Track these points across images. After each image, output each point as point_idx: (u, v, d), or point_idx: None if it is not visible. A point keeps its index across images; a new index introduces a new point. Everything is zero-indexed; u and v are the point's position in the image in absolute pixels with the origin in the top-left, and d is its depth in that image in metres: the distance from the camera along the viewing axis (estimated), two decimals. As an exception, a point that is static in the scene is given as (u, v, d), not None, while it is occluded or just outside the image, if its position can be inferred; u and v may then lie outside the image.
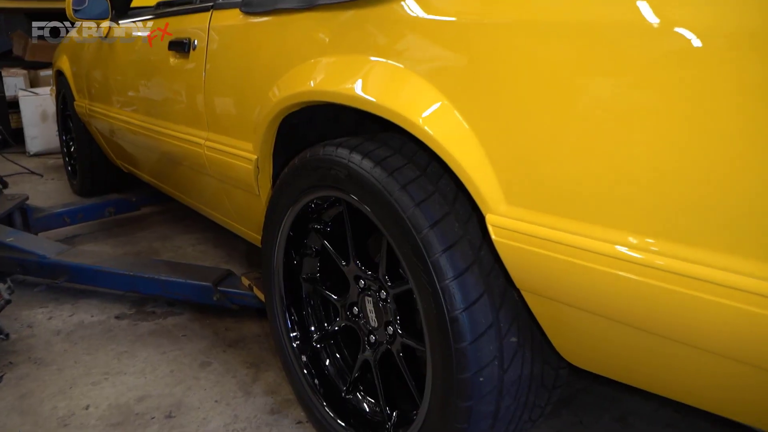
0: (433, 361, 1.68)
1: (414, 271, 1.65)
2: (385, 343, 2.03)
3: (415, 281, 1.66)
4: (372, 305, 2.04)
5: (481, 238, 1.64)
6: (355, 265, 2.05)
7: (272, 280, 2.31)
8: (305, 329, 2.36)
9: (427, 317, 1.65)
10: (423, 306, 1.65)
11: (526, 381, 1.72)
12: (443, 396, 1.68)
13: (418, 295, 1.66)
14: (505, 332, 1.65)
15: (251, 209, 2.62)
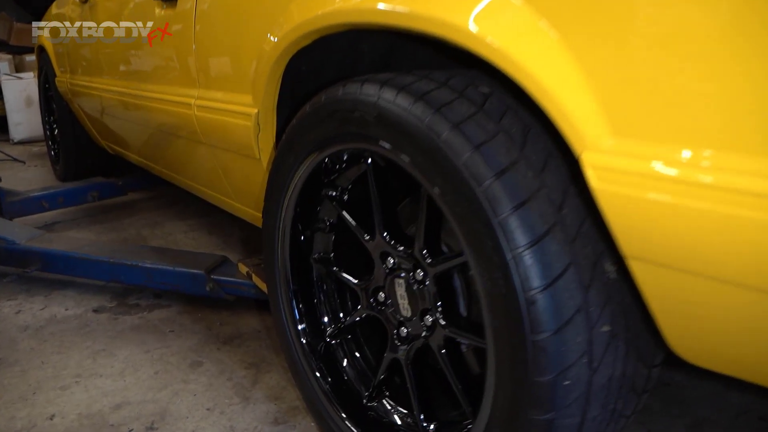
0: (497, 359, 1.25)
1: (473, 237, 1.22)
2: (421, 337, 1.59)
3: (474, 252, 1.23)
4: (404, 289, 1.61)
5: (563, 191, 1.21)
6: (383, 238, 1.61)
7: (276, 260, 1.88)
8: (316, 321, 1.93)
9: (491, 300, 1.22)
10: (485, 285, 1.22)
11: (616, 384, 1.30)
12: (511, 406, 1.24)
13: (478, 270, 1.23)
14: (596, 319, 1.22)
15: (250, 179, 2.18)
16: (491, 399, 1.31)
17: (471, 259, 1.26)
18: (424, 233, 1.51)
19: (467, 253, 1.27)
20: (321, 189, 1.81)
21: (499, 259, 1.20)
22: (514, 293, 1.19)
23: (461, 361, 1.58)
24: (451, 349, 1.57)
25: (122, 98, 3.14)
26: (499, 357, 1.26)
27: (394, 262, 1.65)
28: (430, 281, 1.54)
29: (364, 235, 1.71)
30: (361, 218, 1.75)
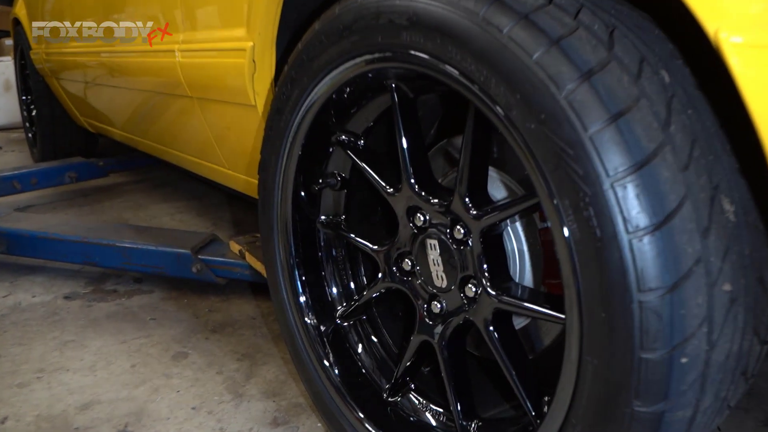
0: (585, 332, 0.92)
1: (552, 164, 0.89)
2: (461, 313, 1.25)
3: (553, 185, 0.90)
4: (438, 253, 1.28)
5: (666, 103, 0.89)
6: (411, 188, 1.27)
7: (274, 227, 1.56)
8: (324, 300, 1.60)
9: (578, 250, 0.89)
10: (570, 231, 0.90)
11: (732, 364, 0.98)
12: (603, 396, 0.91)
13: (559, 211, 0.90)
14: (717, 275, 0.90)
15: (243, 136, 1.85)
16: (571, 389, 0.97)
17: (547, 198, 0.93)
18: (468, 175, 1.17)
19: (541, 189, 0.93)
20: (330, 135, 1.47)
21: (591, 190, 0.86)
22: (614, 237, 0.85)
23: (514, 342, 1.24)
24: (503, 327, 1.22)
25: (100, 59, 2.80)
26: (587, 330, 0.92)
27: (425, 219, 1.31)
28: (474, 239, 1.21)
29: (386, 188, 1.36)
30: (381, 172, 1.41)
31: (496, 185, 1.32)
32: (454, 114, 1.50)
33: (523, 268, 1.29)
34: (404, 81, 1.28)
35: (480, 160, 1.19)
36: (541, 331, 1.36)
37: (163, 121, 2.55)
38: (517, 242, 1.28)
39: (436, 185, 1.34)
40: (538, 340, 1.36)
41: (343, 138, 1.46)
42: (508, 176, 1.32)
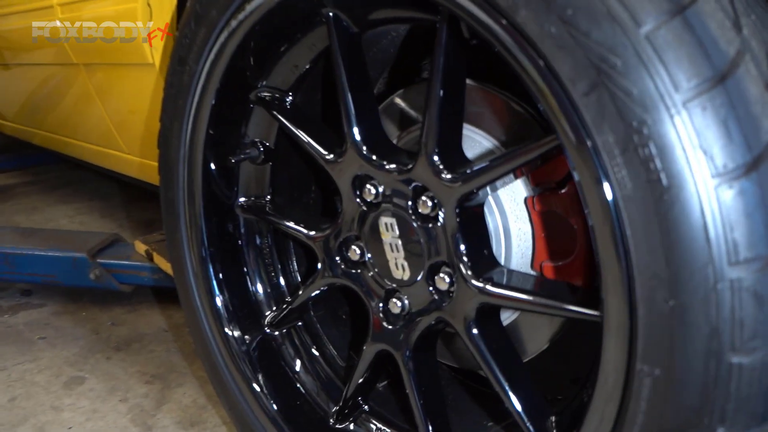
0: (637, 330, 0.62)
1: (583, 84, 0.59)
2: (433, 311, 0.95)
3: (587, 115, 0.61)
4: (397, 234, 0.97)
5: None
6: (358, 151, 0.97)
7: (179, 214, 1.23)
8: (249, 304, 1.25)
9: (626, 212, 0.59)
10: (612, 184, 0.59)
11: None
12: (669, 421, 0.61)
13: (589, 159, 0.62)
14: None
15: (139, 104, 1.48)
16: (614, 412, 0.68)
17: (574, 140, 0.63)
18: (438, 126, 0.87)
19: (565, 127, 0.64)
20: (249, 90, 1.14)
21: (651, 117, 0.57)
22: (689, 185, 0.56)
23: (505, 346, 0.94)
24: (489, 326, 0.93)
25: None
26: (643, 327, 0.63)
27: (378, 192, 1.00)
28: (448, 213, 0.90)
29: (324, 155, 1.04)
30: (317, 135, 1.09)
31: (468, 145, 1.01)
32: (408, 60, 1.19)
33: (509, 249, 0.99)
34: (345, 9, 0.97)
35: (454, 104, 0.89)
36: (533, 327, 1.06)
37: (50, 102, 2.18)
38: (501, 216, 0.98)
39: (390, 146, 1.03)
40: (529, 339, 1.06)
41: (265, 95, 1.14)
42: (485, 133, 1.02)
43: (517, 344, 1.03)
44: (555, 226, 0.95)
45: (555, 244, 0.96)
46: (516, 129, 1.00)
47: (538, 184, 0.96)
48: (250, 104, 1.16)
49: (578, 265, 0.94)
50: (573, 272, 0.94)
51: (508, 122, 1.00)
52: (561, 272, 0.95)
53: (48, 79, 2.06)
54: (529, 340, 1.05)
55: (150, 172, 1.70)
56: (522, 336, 1.05)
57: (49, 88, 2.13)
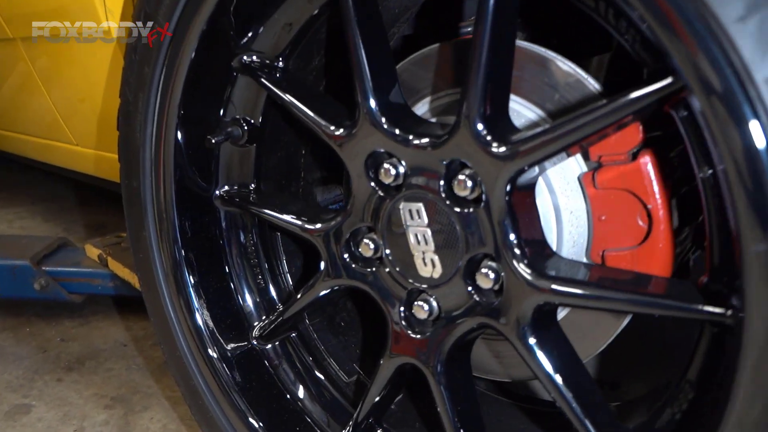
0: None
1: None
2: (474, 315, 0.78)
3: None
4: (426, 222, 0.80)
5: None
6: (375, 121, 0.79)
7: (146, 208, 1.07)
8: (233, 312, 1.06)
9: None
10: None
11: None
12: None
13: (721, 110, 0.46)
14: None
15: (92, 85, 1.28)
16: None
17: (713, 82, 0.47)
18: (485, 85, 0.70)
19: (703, 65, 0.47)
20: (231, 56, 0.95)
21: None
22: None
23: (568, 355, 0.78)
24: (548, 331, 0.76)
25: None
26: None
27: (399, 172, 0.82)
28: (496, 195, 0.74)
29: (329, 128, 0.86)
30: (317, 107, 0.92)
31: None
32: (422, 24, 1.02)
33: (560, 236, 0.83)
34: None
35: (505, 59, 0.72)
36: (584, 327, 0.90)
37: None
38: (552, 197, 0.82)
39: (413, 117, 0.86)
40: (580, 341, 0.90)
41: (253, 60, 0.95)
42: (526, 101, 0.86)
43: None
44: (622, 206, 0.79)
45: (622, 229, 0.80)
46: (564, 95, 0.84)
47: (601, 156, 0.79)
48: (233, 72, 0.98)
49: (654, 252, 0.78)
50: (648, 260, 0.78)
51: (554, 86, 0.84)
52: (632, 261, 0.79)
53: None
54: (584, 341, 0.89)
55: (108, 167, 1.49)
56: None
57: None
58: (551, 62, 0.84)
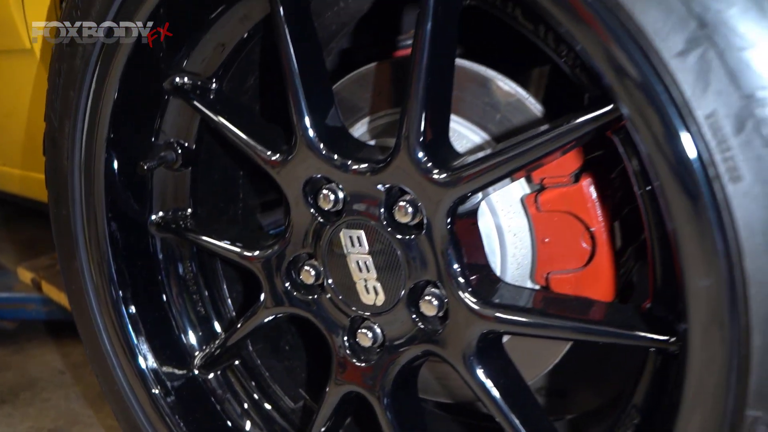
0: (749, 364, 0.46)
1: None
2: (419, 343, 0.77)
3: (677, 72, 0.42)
4: (366, 249, 0.79)
5: None
6: (312, 146, 0.78)
7: (77, 237, 1.02)
8: (173, 343, 1.02)
9: (735, 207, 0.43)
10: (719, 170, 0.42)
11: None
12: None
13: (663, 143, 0.46)
14: None
15: (14, 102, 1.23)
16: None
17: (654, 116, 0.47)
18: (426, 109, 0.68)
19: (645, 98, 0.48)
20: (163, 77, 0.92)
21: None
22: None
23: (514, 380, 0.77)
24: (493, 357, 0.75)
25: None
26: (761, 358, 0.47)
27: (339, 197, 0.80)
28: (437, 221, 0.72)
29: (266, 154, 0.84)
30: (251, 130, 0.89)
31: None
32: (359, 39, 1.01)
33: (504, 259, 0.82)
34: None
35: (443, 83, 0.71)
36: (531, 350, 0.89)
37: None
38: (495, 220, 0.81)
39: (351, 141, 0.84)
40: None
41: (184, 82, 0.92)
42: (467, 122, 0.85)
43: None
44: (565, 228, 0.78)
45: (565, 251, 0.79)
46: (506, 115, 0.83)
47: (543, 179, 0.78)
48: (165, 95, 0.94)
49: (597, 275, 0.77)
50: (591, 284, 0.78)
51: (496, 107, 0.83)
52: (575, 284, 0.79)
53: None
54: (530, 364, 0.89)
55: (35, 187, 1.43)
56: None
57: None
58: (492, 82, 0.84)
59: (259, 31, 0.91)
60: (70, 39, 0.91)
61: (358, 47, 1.06)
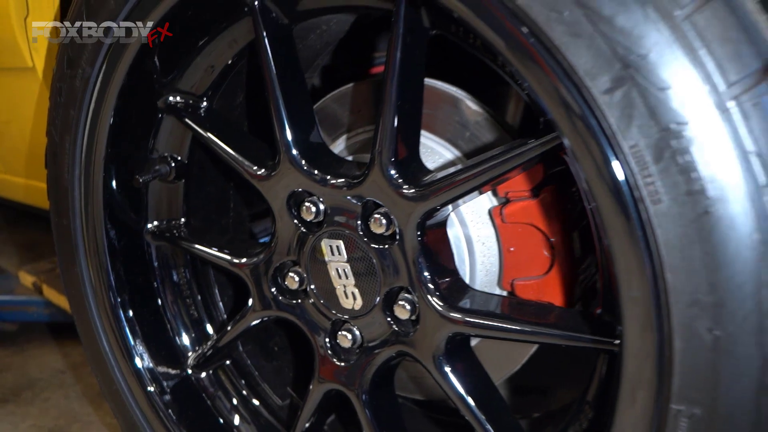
0: (672, 363, 0.54)
1: (604, 79, 0.48)
2: (394, 344, 0.83)
3: (609, 114, 0.50)
4: (345, 258, 0.85)
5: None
6: (295, 163, 0.84)
7: (78, 245, 1.07)
8: (167, 344, 1.08)
9: (658, 227, 0.50)
10: (642, 193, 0.49)
11: None
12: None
13: (604, 166, 0.51)
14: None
15: (17, 115, 1.29)
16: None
17: (587, 146, 0.53)
18: (397, 131, 0.75)
19: (579, 130, 0.54)
20: (157, 97, 0.98)
21: (689, 117, 0.47)
22: (733, 197, 0.47)
23: (481, 380, 0.83)
24: (461, 357, 0.82)
25: None
26: (681, 360, 0.54)
27: (320, 210, 0.86)
28: (408, 233, 0.78)
29: (252, 169, 0.90)
30: (240, 146, 0.95)
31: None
32: (341, 58, 1.07)
33: (473, 267, 0.88)
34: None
35: (413, 105, 0.77)
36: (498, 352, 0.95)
37: None
38: (464, 230, 0.87)
39: (331, 157, 0.90)
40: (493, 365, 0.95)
41: (177, 100, 0.98)
42: (437, 137, 0.91)
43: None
44: (528, 239, 0.85)
45: (528, 260, 0.85)
46: (475, 132, 0.89)
47: (507, 192, 0.85)
48: (159, 112, 1.00)
49: (557, 282, 0.84)
50: (551, 289, 0.84)
51: (465, 125, 0.89)
52: (537, 290, 0.85)
53: None
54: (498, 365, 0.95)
55: (38, 195, 1.49)
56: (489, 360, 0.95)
57: None
58: (461, 102, 0.90)
59: (245, 54, 0.97)
60: (69, 60, 0.97)
61: (341, 64, 1.12)
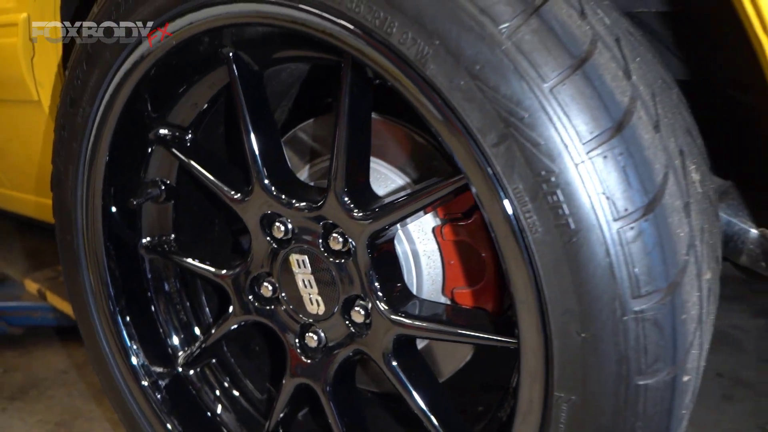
0: (553, 359, 0.68)
1: (492, 136, 0.64)
2: (351, 343, 0.97)
3: (498, 165, 0.66)
4: (309, 270, 0.98)
5: (616, 40, 0.67)
6: (265, 189, 0.98)
7: (80, 258, 1.19)
8: (160, 344, 1.22)
9: (538, 254, 0.65)
10: (523, 228, 0.63)
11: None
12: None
13: (498, 205, 0.64)
14: (701, 261, 0.70)
15: (26, 142, 1.42)
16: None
17: (485, 186, 0.67)
18: (346, 164, 0.88)
19: (476, 174, 0.68)
20: (148, 130, 1.11)
21: (558, 167, 0.61)
22: (596, 228, 0.61)
23: (424, 375, 0.97)
24: (407, 355, 0.96)
25: None
26: (559, 357, 0.68)
27: (288, 229, 1.00)
28: (359, 249, 0.92)
29: (230, 193, 1.04)
30: (220, 173, 1.08)
31: (375, 177, 1.04)
32: (308, 93, 1.21)
33: (420, 277, 1.02)
34: (246, 49, 0.97)
35: (361, 142, 0.91)
36: (445, 351, 1.10)
37: None
38: (410, 244, 1.01)
39: (297, 183, 1.04)
40: (443, 362, 1.10)
41: (165, 133, 1.12)
42: (389, 165, 1.05)
43: (435, 366, 1.07)
44: (463, 253, 0.99)
45: (464, 271, 1.00)
46: (423, 161, 1.03)
47: (445, 214, 0.99)
48: (150, 144, 1.14)
49: (489, 290, 0.98)
50: (484, 297, 0.98)
51: (414, 155, 1.03)
52: (472, 298, 0.99)
53: None
54: (447, 361, 1.09)
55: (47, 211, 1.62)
56: (439, 357, 1.09)
57: None
58: (409, 134, 1.04)
59: (223, 92, 1.10)
60: (72, 100, 1.11)
61: (309, 98, 1.25)
